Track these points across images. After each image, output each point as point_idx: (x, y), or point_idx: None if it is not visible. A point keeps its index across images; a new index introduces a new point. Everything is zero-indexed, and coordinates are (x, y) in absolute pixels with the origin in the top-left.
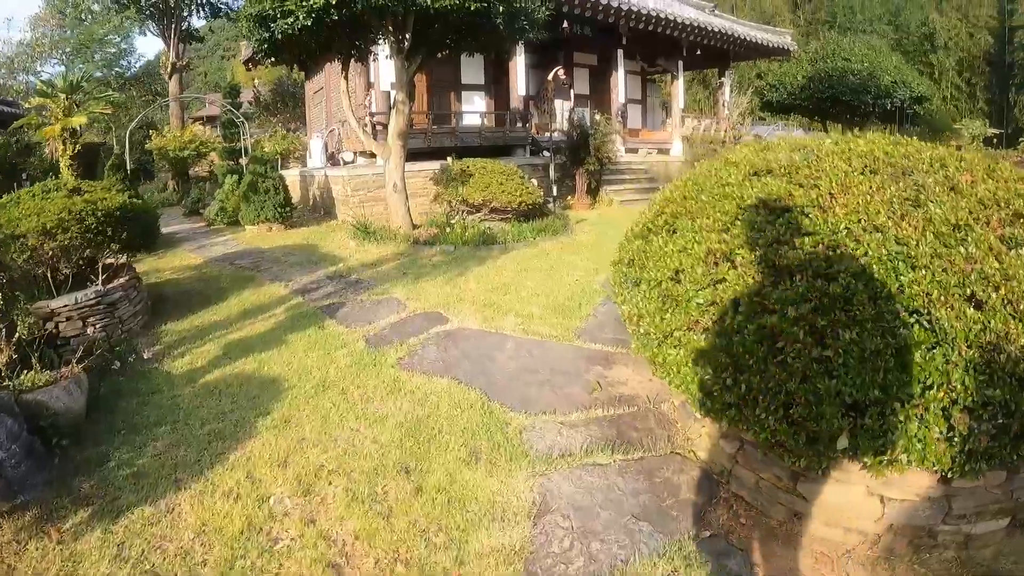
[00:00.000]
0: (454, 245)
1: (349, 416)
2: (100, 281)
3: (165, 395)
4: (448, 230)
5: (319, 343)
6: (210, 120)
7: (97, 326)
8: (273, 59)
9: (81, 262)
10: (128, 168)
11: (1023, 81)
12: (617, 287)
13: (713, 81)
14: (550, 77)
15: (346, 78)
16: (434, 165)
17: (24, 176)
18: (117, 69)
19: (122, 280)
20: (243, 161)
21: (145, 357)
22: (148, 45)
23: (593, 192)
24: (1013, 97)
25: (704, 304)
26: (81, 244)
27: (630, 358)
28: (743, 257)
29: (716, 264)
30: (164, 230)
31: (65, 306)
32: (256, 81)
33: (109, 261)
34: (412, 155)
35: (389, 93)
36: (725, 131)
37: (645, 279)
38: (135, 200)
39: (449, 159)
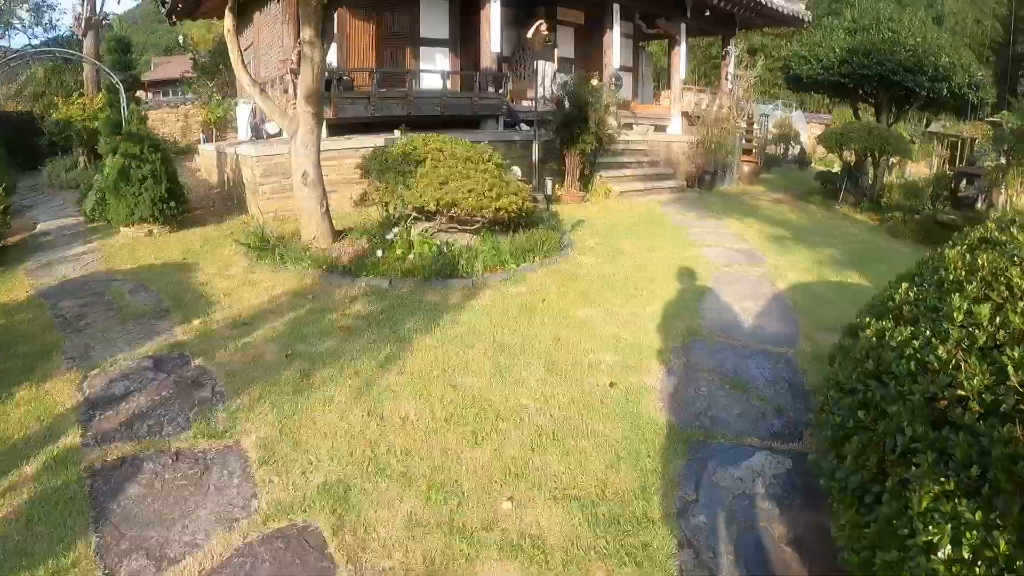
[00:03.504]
0: (390, 278)
1: None
2: None
3: None
4: (383, 251)
5: None
6: (154, 86)
7: None
8: None
9: None
10: None
11: None
12: None
13: (698, 52)
14: (530, 34)
15: (231, 9)
16: (379, 140)
17: None
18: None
19: None
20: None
21: None
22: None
23: (586, 178)
24: (1022, 89)
25: None
26: None
27: None
28: None
29: None
30: (40, 227)
31: None
32: (183, 38)
33: None
34: (351, 127)
35: None
36: (729, 107)
37: None
38: None
39: (397, 132)
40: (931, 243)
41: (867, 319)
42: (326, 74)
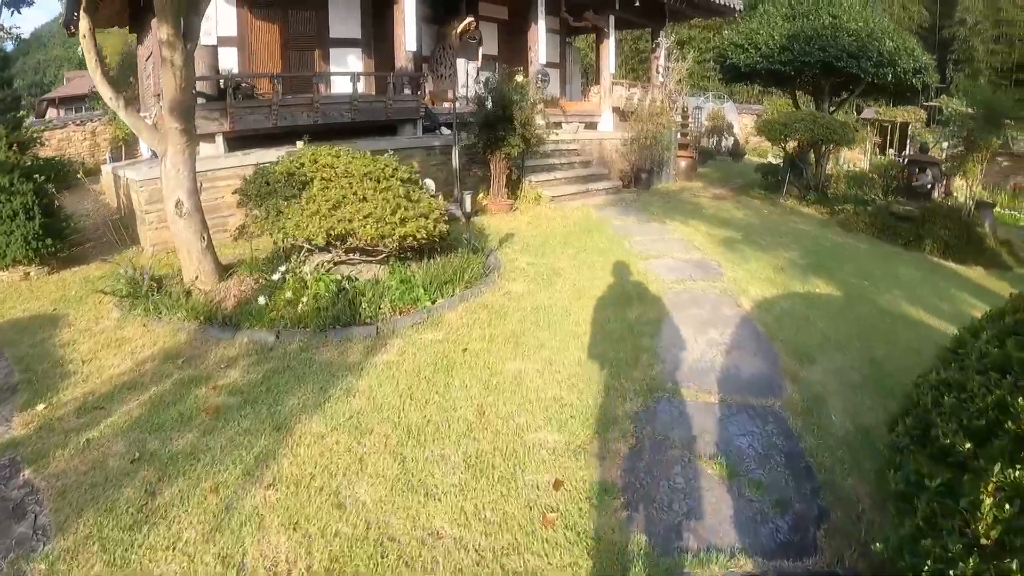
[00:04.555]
0: (278, 330)
1: None
2: None
3: None
4: (271, 296)
5: None
6: (66, 102)
7: None
8: None
9: None
10: None
11: (962, 57)
12: None
13: (626, 47)
14: (458, 30)
15: (86, 10)
16: (283, 153)
17: None
18: None
19: None
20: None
21: None
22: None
23: (514, 184)
24: (949, 74)
25: None
26: None
27: None
28: None
29: None
30: None
31: None
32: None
33: None
34: (255, 140)
35: (216, 49)
36: (661, 101)
37: None
38: None
39: (300, 143)
40: (888, 236)
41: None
42: (222, 81)
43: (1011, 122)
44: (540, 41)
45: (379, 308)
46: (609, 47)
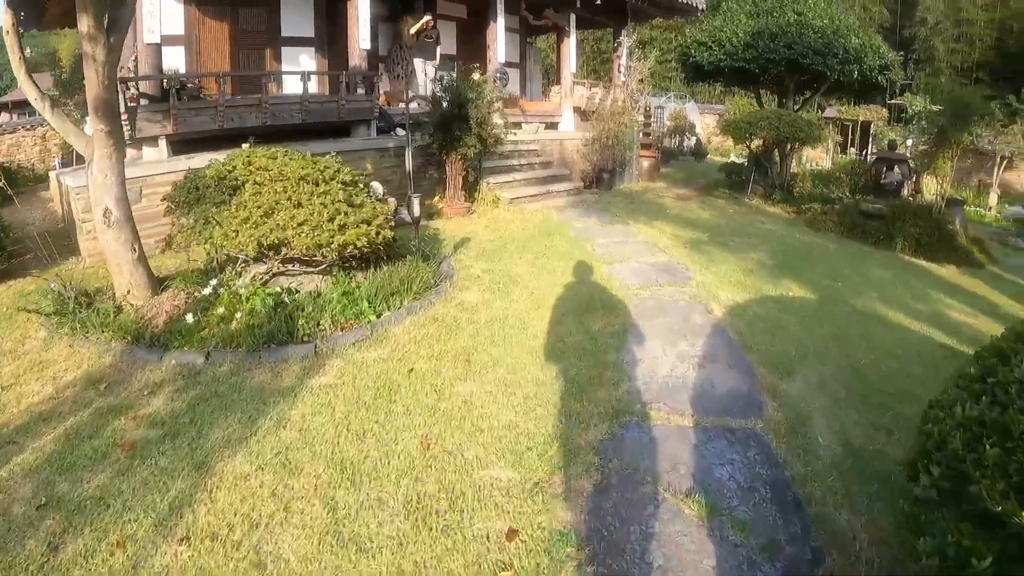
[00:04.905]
0: (208, 350)
1: None
2: None
3: None
4: (205, 313)
5: None
6: (19, 106)
7: None
8: None
9: None
10: None
11: (923, 57)
12: None
13: (587, 47)
14: (413, 30)
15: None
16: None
17: None
18: None
19: None
20: None
21: None
22: None
23: (471, 186)
24: (911, 73)
25: None
26: None
27: None
28: None
29: None
30: None
31: None
32: (29, 52)
33: None
34: (199, 143)
35: (160, 48)
36: (623, 100)
37: None
38: None
39: (245, 145)
40: (857, 235)
41: None
42: (166, 81)
43: (978, 118)
44: (499, 39)
45: (318, 324)
46: (570, 46)
